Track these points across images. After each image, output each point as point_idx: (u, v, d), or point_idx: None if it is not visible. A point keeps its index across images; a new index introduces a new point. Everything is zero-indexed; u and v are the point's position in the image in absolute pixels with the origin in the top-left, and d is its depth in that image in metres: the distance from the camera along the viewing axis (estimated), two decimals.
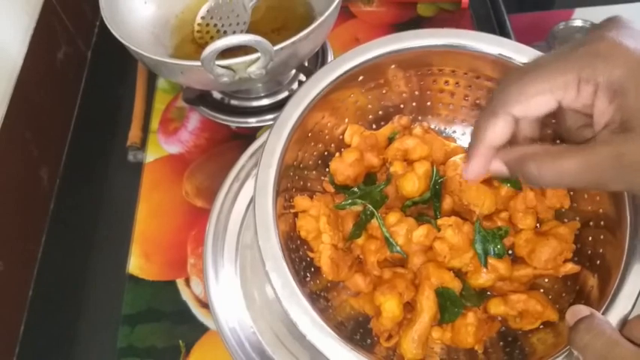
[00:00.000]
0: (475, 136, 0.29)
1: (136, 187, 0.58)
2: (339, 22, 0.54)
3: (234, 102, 0.63)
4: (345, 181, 0.42)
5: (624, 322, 0.30)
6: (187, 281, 0.52)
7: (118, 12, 0.56)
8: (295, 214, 0.40)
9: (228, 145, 0.60)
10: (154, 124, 0.62)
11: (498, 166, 0.29)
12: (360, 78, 0.41)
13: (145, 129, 0.62)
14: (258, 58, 0.47)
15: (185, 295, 0.51)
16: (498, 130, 0.28)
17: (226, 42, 0.44)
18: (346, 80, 0.40)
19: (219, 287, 0.47)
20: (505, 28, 0.65)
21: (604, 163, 0.25)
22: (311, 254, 0.40)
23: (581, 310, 0.30)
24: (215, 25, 0.59)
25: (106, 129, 0.63)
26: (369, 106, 0.45)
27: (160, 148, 0.61)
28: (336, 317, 0.39)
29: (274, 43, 0.46)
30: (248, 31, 0.58)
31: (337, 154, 0.44)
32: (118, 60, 0.63)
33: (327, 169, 0.44)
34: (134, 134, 0.61)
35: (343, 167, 0.42)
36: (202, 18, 0.59)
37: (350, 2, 0.71)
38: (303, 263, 0.39)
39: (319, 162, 0.44)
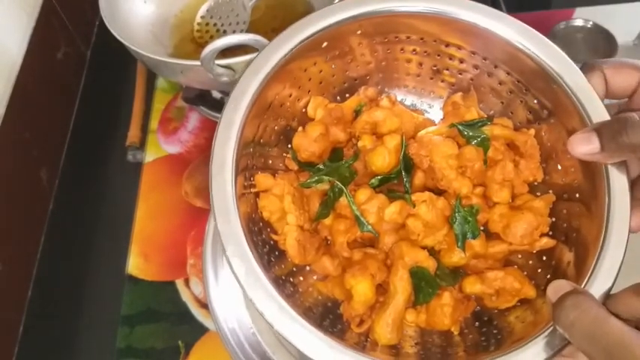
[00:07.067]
0: None
1: (136, 187, 0.58)
2: None
3: None
4: (309, 158, 0.39)
5: (606, 297, 0.29)
6: (187, 281, 0.52)
7: (118, 11, 0.56)
8: (256, 194, 0.37)
9: None
10: (154, 123, 0.62)
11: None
12: (324, 44, 0.38)
13: (145, 129, 0.62)
14: None
15: (184, 295, 0.51)
16: (594, 81, 0.33)
17: (226, 41, 0.44)
18: (309, 47, 0.37)
19: (218, 288, 0.47)
20: None
21: None
22: (275, 237, 0.37)
23: (563, 285, 0.29)
24: (215, 25, 0.59)
25: (105, 129, 0.63)
26: (333, 76, 0.41)
27: (159, 147, 0.61)
28: (303, 303, 0.36)
29: None
30: (248, 31, 0.58)
31: (300, 128, 0.41)
32: (118, 60, 0.63)
33: (289, 146, 0.41)
34: (133, 134, 0.61)
35: (307, 143, 0.39)
36: (202, 17, 0.59)
37: None
38: (267, 247, 0.36)
39: (281, 137, 0.40)
